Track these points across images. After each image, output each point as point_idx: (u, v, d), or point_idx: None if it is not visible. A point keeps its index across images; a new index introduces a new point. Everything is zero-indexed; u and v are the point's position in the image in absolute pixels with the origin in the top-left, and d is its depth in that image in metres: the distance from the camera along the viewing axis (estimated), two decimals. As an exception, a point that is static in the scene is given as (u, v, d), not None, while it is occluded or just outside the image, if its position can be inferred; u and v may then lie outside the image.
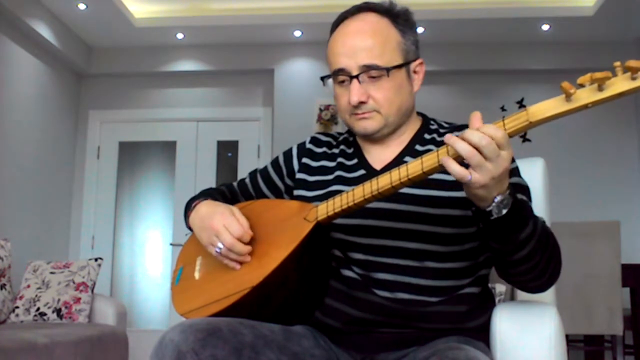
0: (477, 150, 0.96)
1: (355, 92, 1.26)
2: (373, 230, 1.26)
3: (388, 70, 1.26)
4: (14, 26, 4.54)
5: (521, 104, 5.30)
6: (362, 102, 1.27)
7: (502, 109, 5.27)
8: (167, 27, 5.16)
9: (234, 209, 1.27)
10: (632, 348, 4.15)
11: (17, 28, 4.57)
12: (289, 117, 5.29)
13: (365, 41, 1.27)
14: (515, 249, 1.09)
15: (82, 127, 5.64)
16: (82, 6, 4.73)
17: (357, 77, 1.26)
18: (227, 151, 5.68)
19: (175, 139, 5.62)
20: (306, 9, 4.99)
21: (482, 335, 1.25)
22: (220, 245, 1.22)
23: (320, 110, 5.26)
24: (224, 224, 1.23)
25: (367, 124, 1.30)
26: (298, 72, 5.40)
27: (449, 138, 0.99)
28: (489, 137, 0.96)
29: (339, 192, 1.22)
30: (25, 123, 4.76)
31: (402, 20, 1.31)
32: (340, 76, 1.29)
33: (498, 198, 1.02)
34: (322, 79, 1.34)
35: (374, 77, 1.26)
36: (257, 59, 5.45)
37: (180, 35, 5.29)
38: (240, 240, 1.22)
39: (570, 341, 4.12)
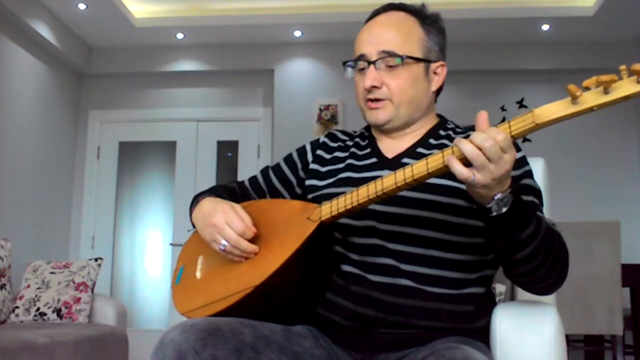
0: (481, 151, 0.98)
1: (370, 76, 1.31)
2: (378, 215, 1.26)
3: (402, 58, 1.29)
4: (14, 26, 4.54)
5: (521, 104, 5.30)
6: (375, 87, 1.31)
7: (502, 109, 5.27)
8: (167, 27, 5.16)
9: (236, 205, 1.27)
10: (632, 348, 4.15)
11: (17, 28, 4.57)
12: (289, 117, 5.29)
13: (389, 31, 1.33)
14: (517, 248, 1.10)
15: (82, 127, 5.64)
16: (82, 6, 4.73)
17: (374, 62, 1.31)
18: (227, 151, 5.68)
19: (175, 139, 5.62)
20: (306, 9, 4.99)
21: (482, 335, 1.25)
22: (224, 242, 1.22)
23: (320, 110, 5.26)
24: (225, 220, 1.23)
25: (379, 114, 1.33)
26: (298, 72, 5.40)
27: (458, 141, 1.01)
28: (493, 140, 0.98)
29: (349, 178, 1.23)
30: (25, 123, 4.76)
31: (429, 21, 1.37)
32: (360, 62, 1.34)
33: (498, 196, 1.04)
34: (344, 64, 1.39)
35: (390, 67, 1.31)
36: (257, 59, 5.45)
37: (180, 35, 5.29)
38: (242, 236, 1.22)
39: (570, 341, 4.12)
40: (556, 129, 4.93)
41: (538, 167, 1.53)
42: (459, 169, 1.00)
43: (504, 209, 1.04)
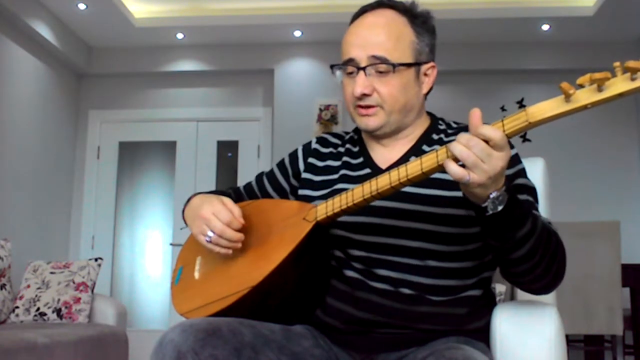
0: (470, 151, 0.98)
1: (360, 83, 1.26)
2: (375, 228, 1.26)
3: (394, 66, 1.25)
4: (14, 26, 4.54)
5: (521, 104, 5.30)
6: (365, 95, 1.27)
7: (502, 109, 5.27)
8: (167, 27, 5.16)
9: (226, 199, 1.27)
10: (632, 348, 4.15)
11: (17, 28, 4.57)
12: (289, 117, 5.29)
13: (379, 35, 1.27)
14: (514, 247, 1.10)
15: (82, 127, 5.64)
16: (82, 6, 4.73)
17: (364, 69, 1.26)
18: (227, 151, 5.68)
19: (175, 139, 5.62)
20: (306, 9, 4.99)
21: (482, 336, 1.25)
22: (210, 233, 1.22)
23: (320, 110, 5.26)
24: (212, 211, 1.23)
25: (370, 121, 1.30)
26: (298, 72, 5.40)
27: (449, 144, 1.01)
28: (478, 139, 0.98)
29: (344, 190, 1.22)
30: (25, 123, 4.75)
31: (419, 21, 1.32)
32: (349, 67, 1.29)
33: (493, 194, 1.03)
34: (332, 67, 1.34)
35: (381, 72, 1.26)
36: (257, 59, 5.45)
37: (180, 35, 5.29)
38: (229, 226, 1.21)
39: (570, 341, 4.12)
40: (556, 128, 4.87)
41: (538, 167, 1.53)
42: (453, 168, 1.00)
43: (500, 207, 1.03)
